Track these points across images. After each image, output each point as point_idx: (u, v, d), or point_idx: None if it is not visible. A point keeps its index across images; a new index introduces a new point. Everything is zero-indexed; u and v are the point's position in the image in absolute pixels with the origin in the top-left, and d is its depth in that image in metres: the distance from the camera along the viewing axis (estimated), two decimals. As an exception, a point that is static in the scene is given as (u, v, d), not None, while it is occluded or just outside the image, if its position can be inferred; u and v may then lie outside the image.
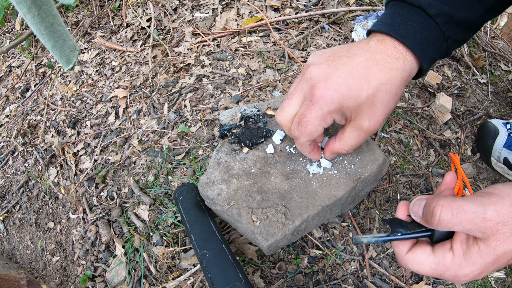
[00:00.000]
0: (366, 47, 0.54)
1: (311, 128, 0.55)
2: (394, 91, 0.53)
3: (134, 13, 1.40)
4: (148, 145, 1.02)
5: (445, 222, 0.41)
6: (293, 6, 1.27)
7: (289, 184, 0.69)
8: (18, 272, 0.80)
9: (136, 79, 1.21)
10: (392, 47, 0.53)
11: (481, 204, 0.40)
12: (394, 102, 0.55)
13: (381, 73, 0.52)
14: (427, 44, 0.53)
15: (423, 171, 0.93)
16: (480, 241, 0.40)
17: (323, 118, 0.53)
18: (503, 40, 1.42)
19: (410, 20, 0.54)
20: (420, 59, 0.54)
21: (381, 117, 0.54)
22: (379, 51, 0.53)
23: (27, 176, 1.17)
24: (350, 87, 0.51)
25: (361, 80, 0.51)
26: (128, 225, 0.91)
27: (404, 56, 0.53)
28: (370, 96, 0.52)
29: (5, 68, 1.60)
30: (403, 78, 0.54)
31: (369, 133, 0.56)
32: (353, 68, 0.52)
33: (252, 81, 1.09)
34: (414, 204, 0.46)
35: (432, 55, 0.55)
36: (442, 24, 0.53)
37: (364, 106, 0.53)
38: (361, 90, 0.51)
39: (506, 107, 1.15)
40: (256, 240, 0.65)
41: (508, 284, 0.82)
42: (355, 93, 0.51)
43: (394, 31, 0.53)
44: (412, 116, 1.01)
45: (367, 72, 0.52)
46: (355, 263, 0.80)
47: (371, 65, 0.52)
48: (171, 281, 0.80)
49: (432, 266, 0.44)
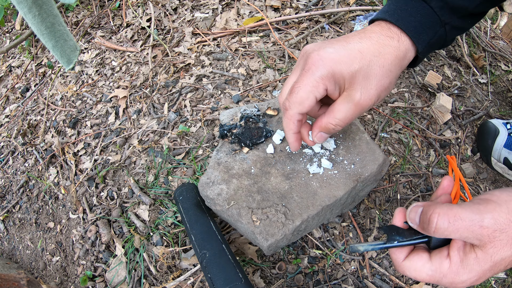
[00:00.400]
0: (361, 30, 0.56)
1: (302, 95, 0.54)
2: (387, 66, 0.53)
3: (134, 13, 1.40)
4: (148, 145, 1.02)
5: (442, 230, 0.41)
6: (293, 6, 1.27)
7: (289, 184, 0.69)
8: (18, 272, 0.80)
9: (136, 79, 1.21)
10: (386, 28, 0.54)
11: (478, 212, 0.39)
12: (388, 79, 0.54)
13: (374, 47, 0.53)
14: (421, 27, 0.54)
15: (423, 171, 0.93)
16: (477, 248, 0.40)
17: (315, 84, 0.53)
18: (503, 40, 1.42)
19: (405, 5, 0.55)
20: (414, 41, 0.54)
21: (373, 92, 0.53)
22: (374, 31, 0.54)
23: (27, 176, 1.17)
24: (342, 55, 0.52)
25: (354, 51, 0.52)
26: (128, 225, 0.91)
27: (398, 36, 0.54)
28: (364, 66, 0.52)
29: (5, 68, 1.60)
30: (397, 56, 0.54)
31: (360, 107, 0.54)
32: (346, 42, 0.53)
33: (252, 81, 1.09)
34: (411, 211, 0.46)
35: (428, 38, 0.55)
36: (437, 8, 0.54)
37: (357, 76, 0.52)
38: (354, 59, 0.52)
39: (506, 107, 1.15)
40: (256, 240, 0.65)
41: (508, 284, 0.82)
42: (348, 61, 0.52)
43: (389, 16, 0.55)
44: (412, 116, 1.01)
45: (360, 46, 0.53)
46: (355, 263, 0.80)
47: (364, 41, 0.53)
48: (171, 281, 0.80)
49: (429, 273, 0.44)
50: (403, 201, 0.88)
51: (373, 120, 0.99)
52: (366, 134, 0.75)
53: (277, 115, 0.80)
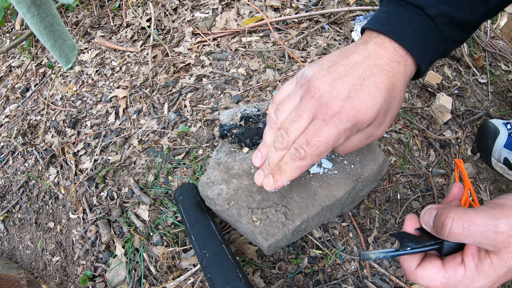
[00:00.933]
0: (365, 51, 0.51)
1: (323, 149, 0.49)
2: (399, 95, 0.52)
3: (134, 13, 1.40)
4: (148, 145, 1.02)
5: (456, 235, 0.40)
6: (293, 6, 1.27)
7: (289, 184, 0.69)
8: (18, 272, 0.80)
9: (136, 79, 1.21)
10: (392, 50, 0.51)
11: (493, 217, 0.39)
12: (399, 107, 0.54)
13: (388, 79, 0.50)
14: (425, 46, 0.52)
15: (423, 171, 0.93)
16: (492, 254, 0.40)
17: (338, 137, 0.49)
18: (503, 40, 1.42)
19: (408, 20, 0.52)
20: (418, 61, 0.52)
21: (388, 123, 0.54)
22: (380, 55, 0.51)
23: (27, 176, 1.17)
24: (363, 100, 0.48)
25: (372, 89, 0.49)
26: (128, 225, 0.91)
27: (404, 59, 0.52)
28: (383, 106, 0.50)
29: (5, 68, 1.60)
30: (405, 82, 0.53)
31: (373, 138, 0.55)
32: (360, 79, 0.49)
33: (252, 81, 1.09)
34: (424, 214, 0.45)
35: (431, 56, 0.54)
36: (441, 25, 0.52)
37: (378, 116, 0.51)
38: (374, 100, 0.49)
39: (506, 107, 1.15)
40: (256, 240, 0.65)
41: (508, 284, 0.82)
42: (370, 105, 0.49)
43: (392, 32, 0.51)
44: (412, 116, 1.01)
45: (375, 79, 0.49)
46: (355, 263, 0.80)
47: (375, 72, 0.49)
48: (171, 281, 0.80)
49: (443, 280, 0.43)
50: (403, 201, 0.88)
51: (373, 120, 0.99)
52: (366, 134, 0.75)
53: (277, 115, 0.80)
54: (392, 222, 0.85)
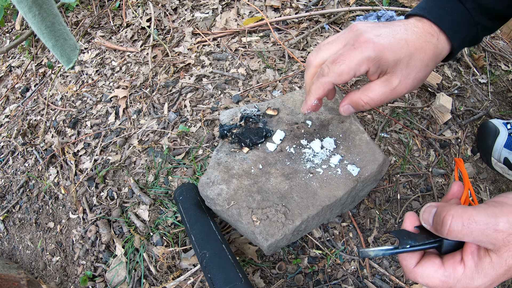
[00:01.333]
0: (406, 22, 0.59)
1: (344, 68, 0.56)
2: (426, 61, 0.57)
3: (134, 13, 1.40)
4: (148, 145, 1.02)
5: (456, 232, 0.40)
6: (293, 6, 1.27)
7: (289, 184, 0.69)
8: (18, 272, 0.80)
9: (136, 79, 1.21)
10: (428, 25, 0.58)
11: (492, 215, 0.39)
12: (424, 73, 0.59)
13: (418, 41, 0.56)
14: (457, 26, 0.59)
15: (423, 171, 0.93)
16: (491, 252, 0.40)
17: (360, 63, 0.55)
18: (503, 40, 1.42)
19: (443, 4, 0.60)
20: (451, 39, 0.59)
21: (410, 82, 0.57)
22: (417, 26, 0.58)
23: (27, 176, 1.17)
24: (391, 42, 0.55)
25: (402, 41, 0.55)
26: (128, 225, 0.91)
27: (437, 34, 0.58)
28: (407, 57, 0.56)
29: (5, 68, 1.60)
30: (435, 53, 0.58)
31: (395, 93, 0.58)
32: (394, 31, 0.57)
33: (252, 81, 1.09)
34: (424, 212, 0.45)
35: (463, 36, 0.60)
36: (471, 9, 0.59)
37: (400, 64, 0.56)
38: (401, 48, 0.55)
39: (506, 107, 1.15)
40: (256, 240, 0.65)
41: (508, 284, 0.82)
42: (396, 49, 0.55)
43: (429, 13, 0.59)
44: (412, 116, 1.01)
45: (407, 37, 0.56)
46: (355, 263, 0.80)
47: (410, 33, 0.57)
48: (171, 281, 0.80)
49: (442, 279, 0.43)
50: (403, 201, 0.88)
51: (373, 120, 0.99)
52: (366, 134, 0.75)
53: (277, 115, 0.80)
54: (392, 222, 0.85)
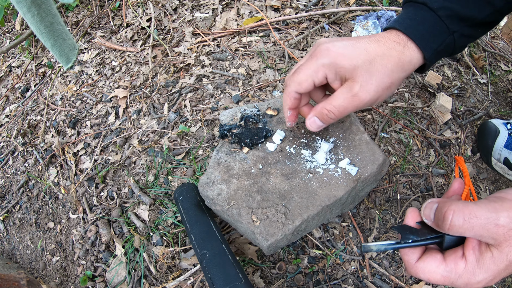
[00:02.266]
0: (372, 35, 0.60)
1: (301, 76, 0.59)
2: (390, 66, 0.56)
3: (134, 13, 1.40)
4: (148, 145, 1.02)
5: (457, 227, 0.40)
6: (293, 6, 1.27)
7: (289, 184, 0.69)
8: (18, 272, 0.80)
9: (136, 79, 1.21)
10: (395, 35, 0.58)
11: (493, 210, 0.39)
12: (389, 79, 0.56)
13: (380, 49, 0.56)
14: (429, 35, 0.57)
15: (423, 171, 0.93)
16: (492, 247, 0.40)
17: (315, 70, 0.57)
18: (503, 40, 1.42)
19: (414, 14, 0.58)
20: (421, 48, 0.57)
21: (373, 88, 0.56)
22: (383, 36, 0.58)
23: (27, 176, 1.17)
24: (348, 51, 0.56)
25: (360, 49, 0.56)
26: (128, 225, 0.91)
27: (404, 42, 0.57)
28: (367, 62, 0.55)
29: (5, 68, 1.60)
30: (401, 59, 0.56)
31: (357, 99, 0.56)
32: (356, 42, 0.57)
33: (252, 81, 1.08)
34: (425, 207, 0.46)
35: (436, 46, 0.57)
36: (444, 17, 0.56)
37: (359, 69, 0.55)
38: (358, 55, 0.55)
39: (506, 107, 1.15)
40: (256, 240, 0.65)
41: (508, 284, 0.82)
42: (352, 56, 0.55)
43: (399, 24, 0.58)
44: (412, 116, 1.01)
45: (367, 46, 0.56)
46: (355, 263, 0.80)
47: (372, 43, 0.57)
48: (171, 281, 0.80)
49: (444, 274, 0.43)
50: (403, 201, 0.88)
51: (373, 120, 0.99)
52: (366, 134, 0.75)
53: (277, 115, 0.80)
54: (392, 222, 0.85)
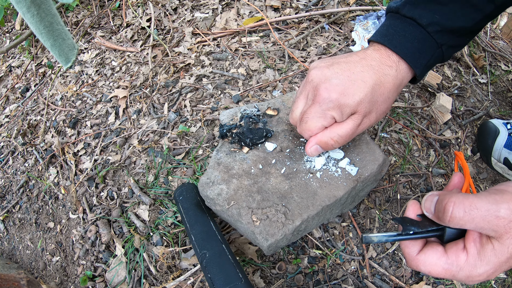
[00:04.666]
0: (363, 54, 0.59)
1: (310, 124, 0.60)
2: (386, 94, 0.58)
3: (134, 13, 1.40)
4: (148, 145, 1.02)
5: (457, 219, 0.40)
6: (293, 6, 1.27)
7: (289, 184, 0.69)
8: (18, 272, 0.80)
9: (136, 79, 1.21)
10: (386, 56, 0.58)
11: (494, 202, 0.39)
12: (386, 105, 0.60)
13: (375, 76, 0.57)
14: (418, 52, 0.58)
15: (423, 171, 0.93)
16: (493, 240, 0.40)
17: (322, 115, 0.58)
18: (503, 40, 1.42)
19: (403, 30, 0.59)
20: (412, 66, 0.58)
21: (374, 116, 0.60)
22: (374, 58, 0.58)
23: (27, 176, 1.17)
24: (347, 87, 0.56)
25: (358, 81, 0.56)
26: (128, 225, 0.91)
27: (396, 65, 0.58)
28: (368, 94, 0.56)
29: (5, 68, 1.60)
30: (395, 84, 0.59)
31: (360, 128, 0.60)
32: (350, 72, 0.57)
33: (252, 81, 1.09)
34: (426, 200, 0.45)
35: (425, 62, 0.59)
36: (433, 33, 0.58)
37: (362, 104, 0.57)
38: (358, 89, 0.56)
39: (506, 107, 1.15)
40: (256, 240, 0.65)
41: (508, 284, 0.82)
42: (353, 92, 0.56)
43: (388, 41, 0.59)
44: (412, 116, 1.01)
45: (363, 75, 0.57)
46: (355, 263, 0.80)
47: (366, 70, 0.57)
48: (171, 281, 0.80)
49: (445, 266, 0.43)
50: (403, 201, 0.88)
51: (373, 120, 0.99)
52: (366, 134, 0.75)
53: (277, 115, 0.80)
54: (392, 222, 0.85)
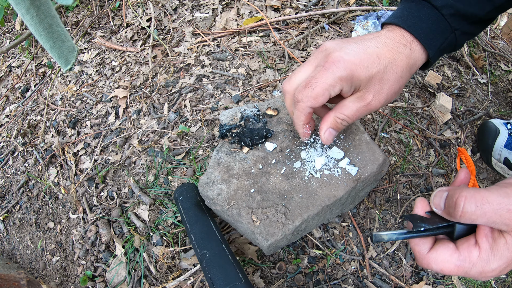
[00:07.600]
0: (377, 34, 0.58)
1: (318, 91, 0.55)
2: (400, 73, 0.56)
3: (134, 13, 1.40)
4: (148, 145, 1.02)
5: (469, 214, 0.39)
6: (293, 6, 1.27)
7: (289, 184, 0.69)
8: (18, 272, 0.80)
9: (136, 79, 1.21)
10: (400, 35, 0.57)
11: (506, 195, 0.38)
12: (398, 85, 0.58)
13: (389, 54, 0.55)
14: (432, 33, 0.57)
15: (423, 171, 0.93)
16: (506, 234, 0.39)
17: (333, 83, 0.55)
18: (503, 40, 1.42)
19: (417, 11, 0.58)
20: (425, 47, 0.57)
21: (384, 96, 0.57)
22: (388, 37, 0.57)
23: (27, 176, 1.17)
24: (362, 59, 0.54)
25: (373, 56, 0.55)
26: (128, 225, 0.91)
27: (410, 44, 0.57)
28: (380, 71, 0.55)
29: (5, 68, 1.60)
30: (408, 64, 0.57)
31: (369, 108, 0.57)
32: (365, 46, 0.56)
33: (252, 81, 1.08)
34: (435, 196, 0.45)
35: (439, 44, 0.58)
36: (447, 15, 0.57)
37: (373, 80, 0.55)
38: (372, 63, 0.54)
39: (506, 107, 1.15)
40: (256, 240, 0.65)
41: (508, 284, 0.82)
42: (367, 65, 0.54)
43: (402, 22, 0.57)
44: (412, 116, 1.01)
45: (378, 51, 0.55)
46: (355, 263, 0.80)
47: (380, 46, 0.56)
48: (171, 281, 0.80)
49: (457, 263, 0.42)
50: (403, 201, 0.88)
51: (373, 120, 0.99)
52: (366, 134, 0.75)
53: (277, 115, 0.80)
54: (392, 222, 0.85)
